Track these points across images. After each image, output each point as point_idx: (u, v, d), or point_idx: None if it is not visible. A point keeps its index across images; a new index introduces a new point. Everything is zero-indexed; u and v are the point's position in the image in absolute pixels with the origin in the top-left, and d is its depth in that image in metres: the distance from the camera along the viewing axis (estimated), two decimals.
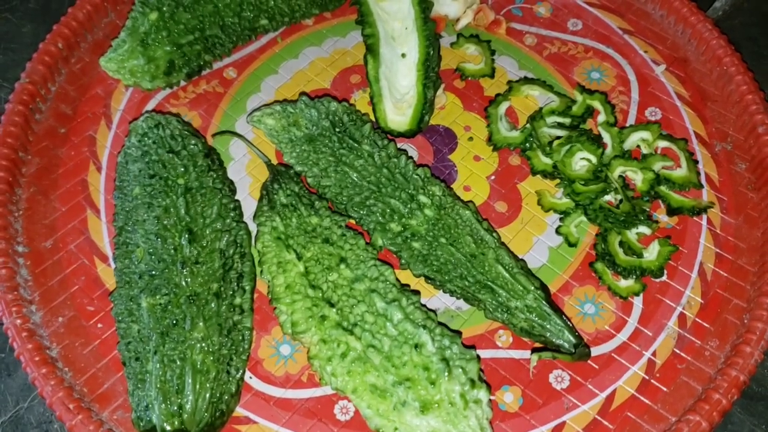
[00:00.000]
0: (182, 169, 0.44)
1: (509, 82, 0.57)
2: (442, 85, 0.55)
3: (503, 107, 0.55)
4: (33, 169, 0.52)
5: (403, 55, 0.55)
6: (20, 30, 0.63)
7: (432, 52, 0.53)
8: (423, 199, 0.45)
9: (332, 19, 0.61)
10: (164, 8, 0.52)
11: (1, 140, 0.50)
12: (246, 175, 0.52)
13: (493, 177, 0.53)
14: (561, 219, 0.50)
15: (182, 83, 0.56)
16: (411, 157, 0.48)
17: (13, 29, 0.63)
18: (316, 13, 0.60)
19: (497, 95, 0.56)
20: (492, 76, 0.57)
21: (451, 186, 0.52)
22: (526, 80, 0.57)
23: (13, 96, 0.52)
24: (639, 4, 0.61)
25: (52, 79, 0.55)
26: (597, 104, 0.55)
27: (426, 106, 0.52)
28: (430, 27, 0.55)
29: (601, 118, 0.54)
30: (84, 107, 0.55)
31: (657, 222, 0.49)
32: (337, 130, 0.48)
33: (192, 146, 0.46)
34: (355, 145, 0.47)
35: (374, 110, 0.53)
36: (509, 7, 0.62)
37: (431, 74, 0.53)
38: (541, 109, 0.54)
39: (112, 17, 0.59)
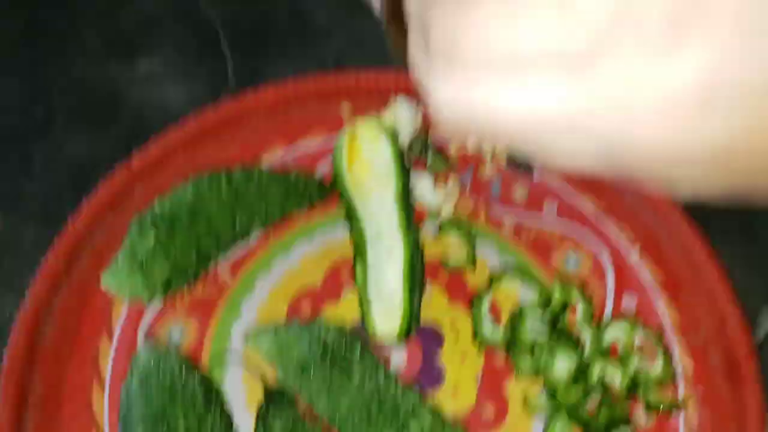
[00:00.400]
0: (182, 416, 0.46)
1: (490, 273, 0.60)
2: (428, 281, 0.58)
3: (486, 302, 0.58)
4: (38, 393, 0.54)
5: (390, 252, 0.58)
6: (21, 234, 0.65)
7: (417, 257, 0.57)
8: (413, 429, 0.47)
9: (321, 209, 0.64)
10: (160, 231, 0.55)
11: (6, 375, 0.52)
12: (242, 384, 0.55)
13: (479, 376, 0.55)
14: (546, 422, 0.52)
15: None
16: (400, 383, 0.51)
17: (12, 233, 0.66)
18: (306, 209, 0.63)
19: (480, 290, 0.59)
20: (474, 266, 0.60)
21: (440, 387, 0.54)
22: (507, 271, 0.59)
23: (16, 325, 0.55)
24: (613, 185, 0.64)
25: (55, 295, 0.58)
26: (575, 296, 0.57)
27: (413, 314, 0.55)
28: (414, 231, 0.58)
29: (579, 310, 0.57)
30: (85, 320, 0.58)
31: (637, 425, 0.52)
32: (330, 356, 0.51)
33: (190, 386, 0.49)
34: (347, 373, 0.50)
35: (362, 317, 0.56)
36: (487, 192, 0.65)
37: (417, 280, 0.56)
38: (521, 307, 0.57)
39: (110, 222, 0.62)
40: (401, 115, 0.64)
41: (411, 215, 0.59)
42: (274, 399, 0.50)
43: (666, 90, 0.18)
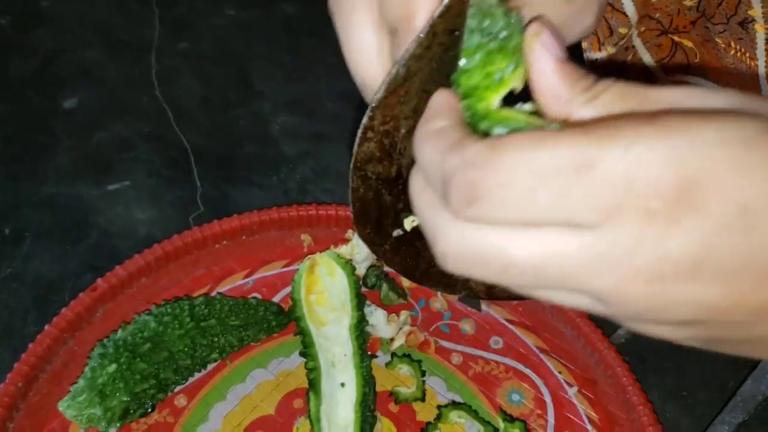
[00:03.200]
0: None
1: (439, 406, 0.63)
2: (378, 415, 0.61)
3: None
4: None
5: (343, 384, 0.61)
6: None
7: (368, 391, 0.59)
8: None
9: (277, 337, 0.67)
10: (122, 359, 0.57)
11: None
12: None
13: None
14: None
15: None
16: None
17: None
18: (264, 337, 0.66)
19: (428, 423, 0.61)
20: (423, 399, 0.63)
21: None
22: (454, 405, 0.62)
23: None
24: (553, 323, 0.68)
25: (10, 417, 0.58)
26: None
27: None
28: (367, 363, 0.61)
29: None
30: None
31: None
32: None
33: None
34: None
35: None
36: (437, 324, 0.69)
37: (368, 414, 0.58)
38: None
39: (71, 344, 0.64)
40: (358, 248, 0.68)
41: (364, 347, 0.62)
42: None
43: (660, 257, 0.20)
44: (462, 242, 0.23)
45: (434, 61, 0.28)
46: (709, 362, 0.70)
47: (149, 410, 0.59)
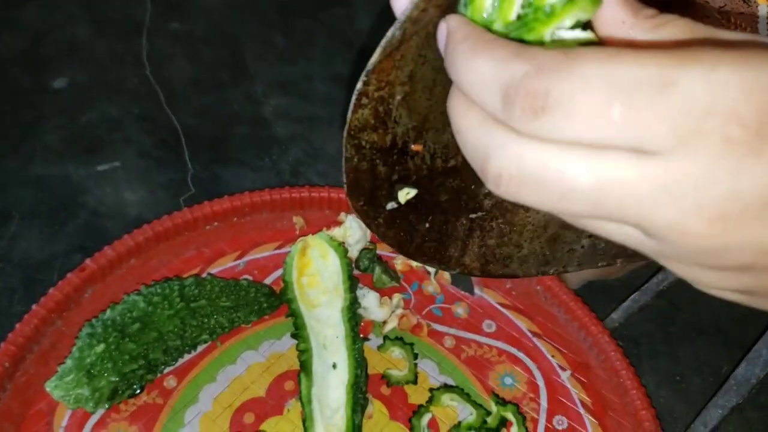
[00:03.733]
0: None
1: (431, 389, 0.62)
2: (370, 397, 0.60)
3: (426, 419, 0.60)
4: None
5: (334, 366, 0.60)
6: None
7: (360, 373, 0.59)
8: None
9: (269, 319, 0.66)
10: (110, 339, 0.56)
11: None
12: None
13: None
14: None
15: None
16: None
17: None
18: (255, 319, 0.65)
19: (420, 405, 0.61)
20: (415, 382, 0.63)
21: None
22: (446, 388, 0.62)
23: None
24: (547, 307, 0.68)
25: None
26: (510, 416, 0.60)
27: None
28: (359, 345, 0.60)
29: (514, 430, 0.59)
30: (27, 425, 0.58)
31: None
32: None
33: None
34: None
35: None
36: (430, 307, 0.68)
37: (359, 396, 0.58)
38: (459, 423, 0.60)
39: (59, 325, 0.63)
40: (351, 231, 0.68)
41: (356, 329, 0.62)
42: None
43: (733, 192, 0.19)
44: (521, 161, 0.21)
45: (431, 24, 0.27)
46: (703, 347, 0.70)
47: (138, 391, 0.59)
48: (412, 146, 0.35)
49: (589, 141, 0.20)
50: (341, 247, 0.64)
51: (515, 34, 0.24)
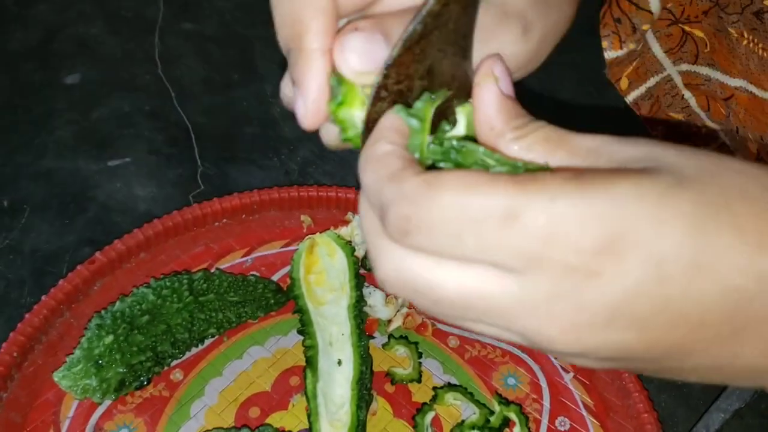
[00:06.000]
0: None
1: (434, 388, 0.63)
2: (374, 394, 0.61)
3: (429, 417, 0.61)
4: None
5: (340, 362, 0.61)
6: None
7: (365, 370, 0.59)
8: None
9: (276, 315, 0.67)
10: (119, 331, 0.56)
11: None
12: None
13: None
14: None
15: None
16: None
17: None
18: (262, 314, 0.65)
19: (424, 404, 0.61)
20: (419, 380, 0.63)
21: None
22: (450, 387, 0.62)
23: None
24: None
25: (5, 387, 0.58)
26: (513, 416, 0.61)
27: (359, 428, 0.57)
28: (364, 343, 0.61)
29: (516, 430, 0.60)
30: (34, 415, 0.58)
31: None
32: None
33: None
34: None
35: (311, 428, 0.58)
36: None
37: (364, 393, 0.58)
38: (462, 422, 0.60)
39: (67, 316, 0.63)
40: (358, 231, 0.68)
41: (362, 327, 0.62)
42: None
43: (578, 307, 0.21)
44: (398, 270, 0.24)
45: (451, 20, 0.27)
46: None
47: (145, 383, 0.59)
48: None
49: (453, 258, 0.22)
50: (348, 246, 0.65)
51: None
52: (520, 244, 0.21)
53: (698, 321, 0.22)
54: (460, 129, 0.29)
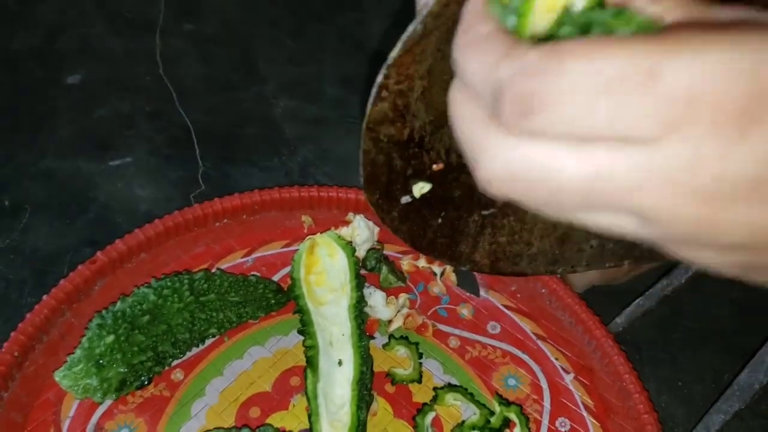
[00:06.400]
0: None
1: (435, 388, 0.63)
2: (375, 395, 0.61)
3: (429, 417, 0.61)
4: None
5: (340, 363, 0.61)
6: None
7: (366, 370, 0.59)
8: None
9: (276, 316, 0.67)
10: (120, 331, 0.56)
11: None
12: None
13: None
14: None
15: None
16: None
17: None
18: (262, 314, 0.65)
19: (424, 404, 0.61)
20: (420, 381, 0.63)
21: None
22: (450, 387, 0.62)
23: None
24: (551, 310, 0.69)
25: (6, 387, 0.58)
26: (513, 416, 0.61)
27: (359, 428, 0.57)
28: (365, 343, 0.61)
29: (517, 431, 0.60)
30: (35, 414, 0.58)
31: None
32: None
33: None
34: None
35: (311, 428, 0.58)
36: (435, 308, 0.69)
37: (364, 393, 0.58)
38: (463, 422, 0.60)
39: (68, 316, 0.63)
40: (359, 231, 0.68)
41: (363, 327, 0.62)
42: None
43: (721, 174, 0.19)
44: (511, 161, 0.21)
45: (452, 20, 0.28)
46: (705, 354, 0.70)
47: (146, 383, 0.59)
48: (434, 167, 0.35)
49: (577, 136, 0.20)
50: (349, 246, 0.65)
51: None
52: (661, 105, 0.19)
53: None
54: None
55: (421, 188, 0.36)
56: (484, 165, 0.22)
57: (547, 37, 0.23)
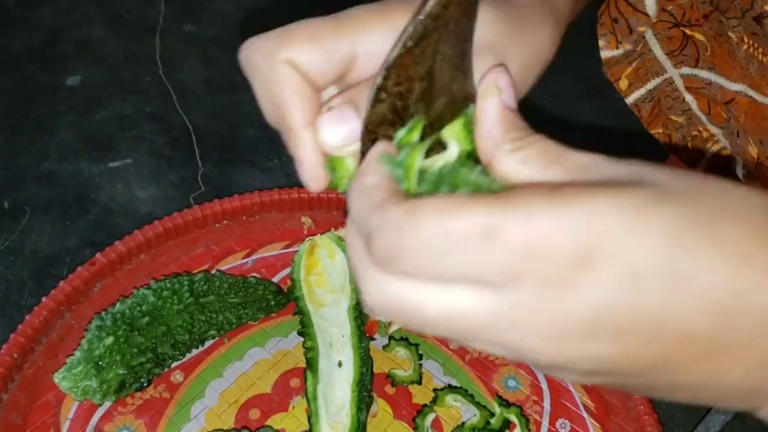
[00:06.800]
0: None
1: (435, 390, 0.62)
2: (375, 396, 0.61)
3: (429, 419, 0.60)
4: None
5: (340, 364, 0.61)
6: None
7: (366, 371, 0.59)
8: None
9: (276, 317, 0.66)
10: (120, 332, 0.56)
11: None
12: None
13: None
14: None
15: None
16: None
17: None
18: (262, 316, 0.65)
19: (424, 405, 0.61)
20: (420, 382, 0.63)
21: None
22: (450, 389, 0.62)
23: None
24: None
25: (5, 388, 0.58)
26: (513, 417, 0.60)
27: (359, 430, 0.57)
28: (365, 345, 0.61)
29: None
30: (34, 416, 0.58)
31: None
32: None
33: None
34: None
35: (311, 430, 0.58)
36: None
37: (364, 394, 0.58)
38: (463, 424, 0.60)
39: (68, 318, 0.63)
40: None
41: (362, 329, 0.62)
42: None
43: (557, 318, 0.22)
44: (384, 294, 0.24)
45: (451, 22, 0.27)
46: None
47: (145, 384, 0.59)
48: None
49: (436, 279, 0.23)
50: None
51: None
52: (500, 259, 0.22)
53: (679, 335, 0.22)
54: (453, 151, 0.29)
55: None
56: (364, 293, 0.26)
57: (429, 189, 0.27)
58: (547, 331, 0.22)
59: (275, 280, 0.69)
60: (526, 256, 0.21)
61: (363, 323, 0.63)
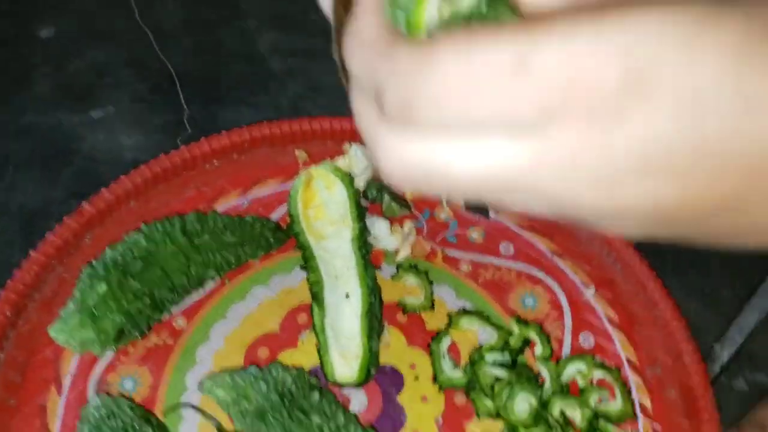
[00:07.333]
0: None
1: (448, 314, 0.60)
2: (386, 325, 0.58)
3: (445, 343, 0.58)
4: None
5: (347, 295, 0.58)
6: None
7: (374, 300, 0.56)
8: None
9: (277, 255, 0.63)
10: (113, 279, 0.53)
11: None
12: None
13: (440, 419, 0.54)
14: None
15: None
16: (360, 428, 0.50)
17: None
18: (262, 254, 0.62)
19: (438, 331, 0.58)
20: (432, 308, 0.60)
21: (400, 430, 0.53)
22: (465, 312, 0.59)
23: None
24: (566, 226, 0.65)
25: (1, 347, 0.56)
26: (533, 335, 0.58)
27: (371, 358, 0.54)
28: (371, 274, 0.58)
29: (538, 349, 0.57)
30: (33, 373, 0.56)
31: None
32: (286, 402, 0.50)
33: None
34: (305, 418, 0.49)
35: (321, 362, 0.55)
36: (444, 234, 0.65)
37: (374, 323, 0.56)
38: (480, 347, 0.57)
39: (60, 271, 0.61)
40: (356, 160, 0.65)
41: (368, 258, 0.59)
42: None
43: (607, 156, 0.19)
44: (403, 159, 0.21)
45: None
46: (734, 259, 0.67)
47: (146, 331, 0.56)
48: None
49: (463, 131, 0.20)
50: (347, 177, 0.62)
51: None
52: (535, 93, 0.18)
53: (751, 166, 0.19)
54: None
55: None
56: (382, 161, 0.22)
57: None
58: (595, 173, 0.19)
59: (274, 217, 0.65)
60: (566, 86, 0.18)
61: (368, 253, 0.60)
